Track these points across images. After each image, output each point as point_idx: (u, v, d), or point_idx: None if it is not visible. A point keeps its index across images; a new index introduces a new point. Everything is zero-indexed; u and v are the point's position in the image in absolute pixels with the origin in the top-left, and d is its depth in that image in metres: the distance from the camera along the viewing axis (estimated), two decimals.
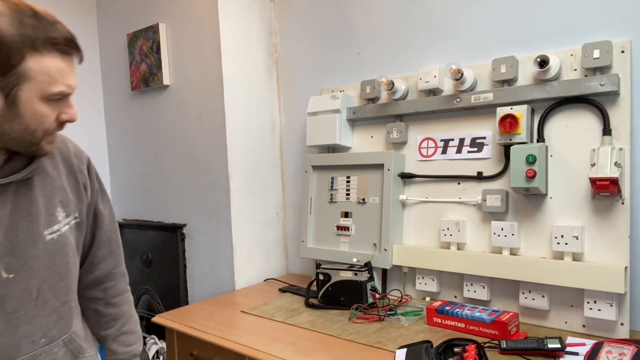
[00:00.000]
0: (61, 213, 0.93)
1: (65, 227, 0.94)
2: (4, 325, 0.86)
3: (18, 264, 0.87)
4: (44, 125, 0.82)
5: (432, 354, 1.24)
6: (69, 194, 0.96)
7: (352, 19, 2.01)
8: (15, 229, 0.86)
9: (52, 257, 0.91)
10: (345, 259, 1.84)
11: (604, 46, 1.36)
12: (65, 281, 0.95)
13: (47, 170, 0.93)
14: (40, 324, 0.91)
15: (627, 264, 1.36)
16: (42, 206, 0.90)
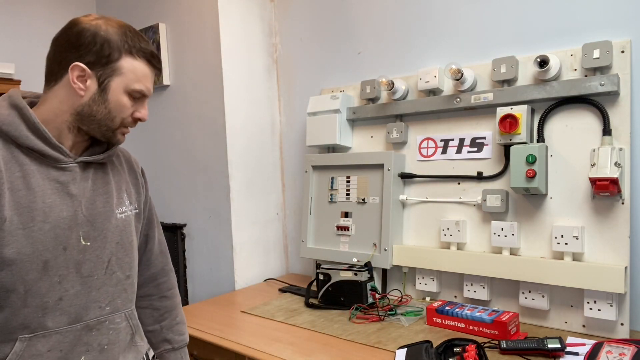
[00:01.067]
0: (127, 199, 1.08)
1: (131, 212, 1.08)
2: (79, 287, 0.96)
3: (95, 234, 0.99)
4: (122, 114, 0.97)
5: (432, 354, 1.24)
6: (131, 187, 1.11)
7: (352, 19, 2.01)
8: (94, 203, 0.99)
9: (120, 233, 1.04)
10: (345, 259, 1.84)
11: (604, 46, 1.36)
12: (129, 257, 1.06)
13: (115, 163, 1.09)
14: (107, 292, 1.01)
15: (627, 264, 1.36)
16: (115, 189, 1.05)
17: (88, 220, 0.98)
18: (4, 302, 0.90)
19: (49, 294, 0.93)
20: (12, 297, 0.90)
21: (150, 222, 1.20)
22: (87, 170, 1.00)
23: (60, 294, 0.94)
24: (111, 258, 1.01)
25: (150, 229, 1.20)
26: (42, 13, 2.56)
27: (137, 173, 1.14)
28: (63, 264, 0.94)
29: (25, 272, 0.90)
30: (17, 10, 2.48)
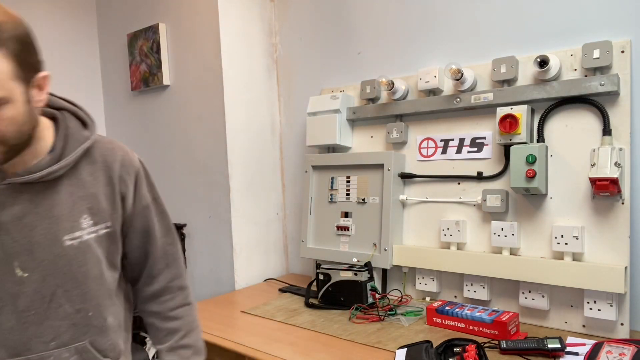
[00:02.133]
0: (87, 220, 0.92)
1: (91, 235, 0.93)
2: (14, 321, 0.87)
3: (34, 264, 0.88)
4: None
5: (432, 354, 1.24)
6: (102, 202, 0.94)
7: (352, 19, 2.01)
8: (33, 230, 0.87)
9: (69, 262, 0.91)
10: (345, 259, 1.84)
11: (604, 46, 1.36)
12: (81, 289, 0.93)
13: (82, 175, 0.93)
14: (51, 326, 0.90)
15: (627, 264, 1.36)
16: (65, 210, 0.90)
17: (26, 249, 0.86)
18: None
19: None
20: None
21: (147, 235, 1.04)
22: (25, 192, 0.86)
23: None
24: (56, 290, 0.90)
25: (148, 243, 1.04)
26: (42, 13, 2.56)
27: (115, 183, 0.96)
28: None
29: None
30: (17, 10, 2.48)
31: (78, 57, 2.70)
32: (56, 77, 2.61)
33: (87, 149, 0.93)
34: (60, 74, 2.62)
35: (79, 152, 0.90)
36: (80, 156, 0.92)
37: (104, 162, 0.96)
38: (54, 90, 0.97)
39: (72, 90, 2.66)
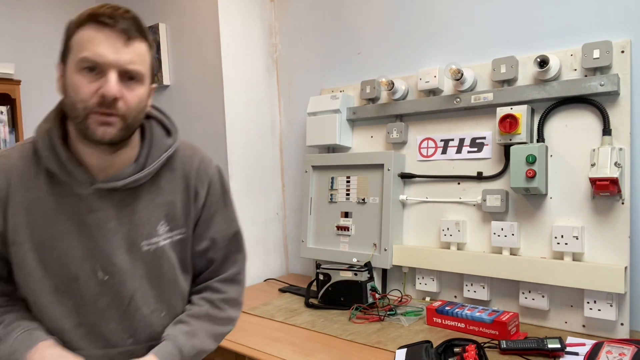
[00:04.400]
0: (163, 227, 0.95)
1: (166, 241, 0.96)
2: (96, 319, 0.92)
3: (114, 269, 0.91)
4: (79, 96, 0.81)
5: (432, 354, 1.24)
6: (178, 209, 0.97)
7: (352, 19, 2.01)
8: (115, 235, 0.90)
9: (145, 267, 0.94)
10: (345, 259, 1.84)
11: (604, 46, 1.36)
12: (156, 290, 0.96)
13: (161, 182, 0.95)
14: (129, 326, 0.94)
15: (627, 264, 1.36)
16: (144, 217, 0.93)
17: (107, 253, 0.90)
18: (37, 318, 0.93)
19: (65, 319, 0.91)
20: (36, 315, 0.92)
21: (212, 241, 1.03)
22: (110, 198, 0.90)
23: (78, 320, 0.92)
24: (134, 294, 0.94)
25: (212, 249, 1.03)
26: (42, 13, 2.56)
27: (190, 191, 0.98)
28: (76, 294, 0.91)
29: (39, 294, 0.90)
30: (17, 10, 2.48)
31: None
32: None
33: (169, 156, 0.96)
34: None
35: (161, 160, 0.93)
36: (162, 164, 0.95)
37: (182, 170, 0.98)
38: (52, 87, 0.96)
39: None
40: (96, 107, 0.81)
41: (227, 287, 1.03)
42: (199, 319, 0.98)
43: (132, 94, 0.83)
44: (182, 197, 0.97)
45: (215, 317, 1.00)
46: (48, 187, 0.89)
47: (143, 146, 0.94)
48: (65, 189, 0.89)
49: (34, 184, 0.89)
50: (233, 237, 1.05)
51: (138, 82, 0.84)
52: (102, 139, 0.83)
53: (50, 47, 2.59)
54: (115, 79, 0.81)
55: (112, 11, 0.82)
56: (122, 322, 0.94)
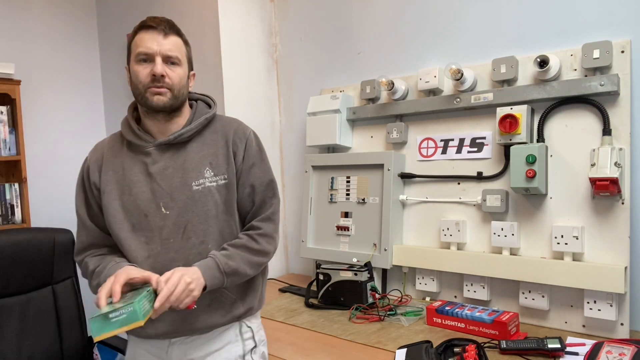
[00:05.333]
0: (209, 171, 1.20)
1: (212, 184, 1.19)
2: (160, 247, 1.17)
3: (172, 204, 1.17)
4: (139, 78, 1.14)
5: (432, 354, 1.24)
6: (220, 159, 1.22)
7: (352, 19, 2.01)
8: (172, 178, 1.18)
9: (195, 203, 1.18)
10: (345, 259, 1.84)
11: (604, 46, 1.36)
12: (204, 225, 1.18)
13: (206, 139, 1.23)
14: (184, 254, 1.17)
15: (627, 264, 1.36)
16: (193, 164, 1.19)
17: (167, 193, 1.17)
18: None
19: (139, 251, 1.17)
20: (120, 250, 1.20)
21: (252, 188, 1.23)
22: (166, 152, 1.19)
23: (148, 253, 1.17)
24: (187, 225, 1.17)
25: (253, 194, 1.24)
26: (42, 13, 2.56)
27: (229, 146, 1.23)
28: (147, 228, 1.17)
29: (119, 231, 1.18)
30: (17, 10, 2.48)
31: (78, 57, 2.70)
32: (56, 77, 2.62)
33: (209, 121, 1.24)
34: (61, 73, 2.62)
35: (201, 121, 1.22)
36: (204, 126, 1.23)
37: (222, 130, 1.25)
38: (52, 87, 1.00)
39: (72, 90, 2.66)
40: (150, 84, 1.14)
41: (263, 224, 1.23)
42: (236, 247, 1.19)
43: (173, 73, 1.16)
44: (223, 150, 1.22)
45: (251, 248, 1.20)
46: (127, 152, 1.22)
47: (190, 116, 1.24)
48: (137, 150, 1.20)
49: (119, 152, 1.23)
50: (268, 184, 1.26)
51: (177, 64, 1.16)
52: (157, 106, 1.15)
53: (51, 47, 2.59)
54: (160, 62, 1.14)
55: (154, 18, 1.17)
56: (178, 251, 1.17)
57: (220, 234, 1.21)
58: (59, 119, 2.61)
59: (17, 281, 1.64)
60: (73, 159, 2.68)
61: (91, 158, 1.26)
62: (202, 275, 1.10)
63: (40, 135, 2.55)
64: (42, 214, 2.48)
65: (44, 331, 1.68)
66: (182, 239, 1.17)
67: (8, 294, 1.63)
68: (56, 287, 1.73)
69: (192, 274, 1.08)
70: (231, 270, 1.15)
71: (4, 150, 2.30)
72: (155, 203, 1.17)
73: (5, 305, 1.62)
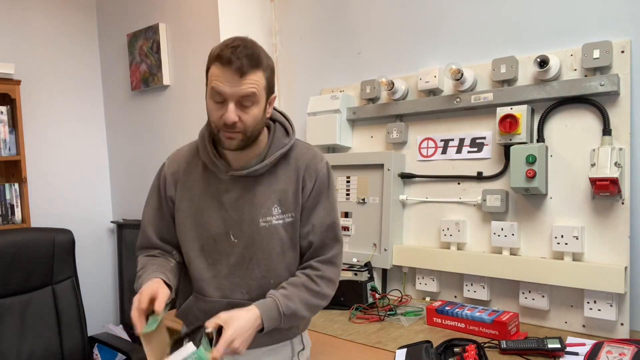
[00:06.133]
0: (277, 209, 1.17)
1: (278, 221, 1.17)
2: (227, 271, 1.17)
3: (241, 235, 1.16)
4: (212, 117, 1.09)
5: (432, 354, 1.24)
6: (290, 196, 1.17)
7: (352, 19, 2.01)
8: (242, 210, 1.16)
9: (262, 239, 1.16)
10: (345, 259, 1.83)
11: (604, 46, 1.36)
12: (267, 260, 1.17)
13: (278, 173, 1.18)
14: (247, 283, 1.17)
15: (627, 264, 1.36)
16: (262, 200, 1.16)
17: (237, 223, 1.16)
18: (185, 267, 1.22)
19: (205, 270, 1.18)
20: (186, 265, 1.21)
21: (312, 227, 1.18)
22: (238, 183, 1.16)
23: (214, 273, 1.18)
24: (252, 257, 1.17)
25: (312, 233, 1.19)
26: (42, 13, 2.56)
27: (299, 182, 1.18)
28: (215, 252, 1.18)
29: (189, 249, 1.19)
30: (17, 10, 2.48)
31: (78, 57, 2.70)
32: (56, 77, 2.62)
33: (284, 153, 1.17)
34: (61, 74, 2.62)
35: (277, 156, 1.16)
36: (278, 159, 1.17)
37: (296, 164, 1.20)
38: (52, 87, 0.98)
39: (72, 90, 2.66)
40: (223, 128, 1.07)
41: (323, 266, 1.18)
42: (295, 286, 1.15)
43: (248, 115, 1.07)
44: (294, 187, 1.18)
45: (310, 289, 1.16)
46: (202, 173, 1.20)
47: (267, 144, 1.18)
48: (212, 175, 1.18)
49: (195, 170, 1.21)
50: (330, 226, 1.20)
51: (253, 104, 1.07)
52: (229, 148, 1.11)
53: (51, 47, 2.59)
54: (232, 107, 1.05)
55: (232, 52, 1.03)
56: (242, 278, 1.17)
57: (285, 269, 1.19)
58: (59, 119, 2.61)
59: (17, 281, 1.64)
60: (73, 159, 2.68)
61: (169, 169, 1.24)
62: (260, 316, 1.07)
63: (40, 135, 2.55)
64: (42, 214, 2.48)
65: (44, 331, 1.68)
66: (247, 269, 1.17)
67: (8, 294, 1.63)
68: (56, 287, 1.73)
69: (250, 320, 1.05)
70: (290, 312, 1.11)
71: (4, 150, 2.30)
72: (225, 231, 1.17)
73: (5, 305, 1.62)
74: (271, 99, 1.15)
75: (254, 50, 1.07)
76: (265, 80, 1.09)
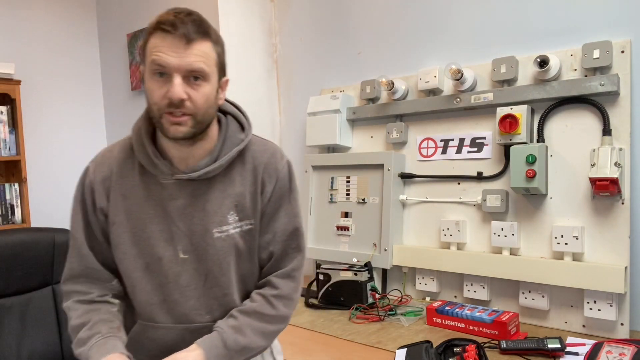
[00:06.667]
0: (233, 216, 1.01)
1: (235, 230, 1.01)
2: (178, 295, 1.01)
3: (192, 248, 1.00)
4: (153, 99, 0.90)
5: (432, 354, 1.24)
6: (247, 201, 1.02)
7: (352, 19, 2.01)
8: (191, 220, 0.99)
9: (217, 252, 1.00)
10: (345, 259, 1.84)
11: (604, 46, 1.36)
12: (226, 277, 1.02)
13: (233, 175, 1.02)
14: (206, 304, 1.02)
15: (627, 264, 1.36)
16: (216, 206, 1.00)
17: (186, 235, 0.99)
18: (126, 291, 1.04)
19: (153, 293, 1.01)
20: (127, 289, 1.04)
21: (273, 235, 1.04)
22: (187, 187, 0.98)
23: (163, 297, 1.01)
24: (208, 274, 1.01)
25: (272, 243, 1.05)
26: (42, 13, 2.56)
27: (258, 184, 1.02)
28: (161, 272, 1.00)
29: (132, 270, 1.01)
30: (17, 10, 2.48)
31: (78, 57, 2.70)
32: (56, 77, 2.62)
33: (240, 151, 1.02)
34: (61, 74, 2.62)
35: (232, 154, 1.00)
36: (233, 158, 1.01)
37: (253, 164, 1.04)
38: (52, 87, 0.98)
39: (72, 90, 2.66)
40: (167, 108, 0.89)
41: (282, 282, 1.04)
42: (248, 314, 1.01)
43: (198, 93, 0.90)
44: (251, 189, 1.02)
45: (265, 315, 1.01)
46: (140, 177, 1.00)
47: (218, 140, 1.01)
48: (153, 178, 0.99)
49: (130, 174, 1.00)
50: (292, 233, 1.06)
51: (203, 80, 0.91)
52: (174, 136, 0.92)
53: (51, 47, 2.59)
54: (179, 81, 0.88)
55: (174, 17, 0.88)
56: (199, 299, 1.01)
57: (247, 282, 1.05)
58: (59, 119, 2.61)
59: (17, 281, 1.64)
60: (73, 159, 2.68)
61: (96, 174, 1.02)
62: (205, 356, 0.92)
63: (40, 135, 2.55)
64: (42, 214, 2.49)
65: (44, 331, 1.67)
66: (204, 287, 1.01)
67: (8, 294, 1.63)
68: (56, 287, 1.72)
69: None
70: (240, 347, 0.97)
71: (4, 150, 2.31)
72: (172, 246, 0.99)
73: (5, 305, 1.62)
74: (223, 82, 1.00)
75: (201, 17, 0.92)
76: (215, 55, 0.95)
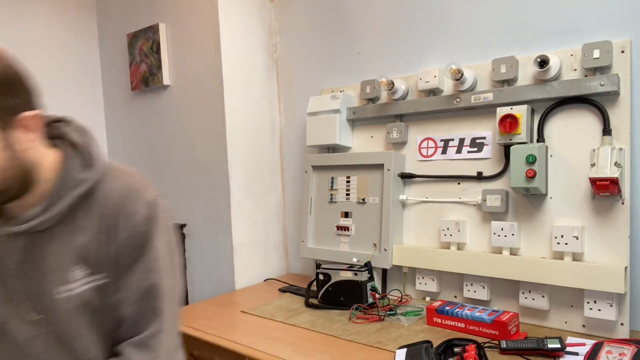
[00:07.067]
0: (82, 270, 0.84)
1: (86, 287, 0.84)
2: None
3: (40, 309, 0.84)
4: None
5: (432, 354, 1.24)
6: (96, 251, 0.84)
7: (352, 19, 2.01)
8: (29, 279, 0.84)
9: (63, 315, 0.84)
10: (345, 259, 1.84)
11: (604, 46, 1.36)
12: (82, 340, 0.86)
13: (78, 220, 0.84)
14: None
15: (627, 264, 1.36)
16: (55, 261, 0.83)
17: (27, 296, 0.84)
18: None
19: None
20: None
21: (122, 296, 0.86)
22: (17, 241, 0.82)
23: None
24: (62, 338, 0.85)
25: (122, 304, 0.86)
26: (42, 13, 2.56)
27: (109, 229, 0.84)
28: (10, 339, 0.86)
29: None
30: (16, 10, 2.48)
31: (78, 57, 2.70)
32: (56, 78, 2.61)
33: (81, 195, 0.83)
34: (60, 74, 2.62)
35: (69, 201, 0.82)
36: (76, 202, 0.83)
37: (102, 206, 0.85)
38: (52, 87, 0.93)
39: (72, 91, 2.66)
40: None
41: (134, 353, 0.84)
42: None
43: None
44: (99, 238, 0.84)
45: None
46: None
47: (56, 182, 0.83)
48: None
49: None
50: (148, 292, 0.85)
51: None
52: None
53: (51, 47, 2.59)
54: None
55: None
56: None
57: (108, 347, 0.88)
58: None
59: None
60: None
61: None
62: None
63: None
64: None
65: None
66: (63, 352, 0.86)
67: None
68: None
69: None
70: None
71: None
72: (16, 307, 0.84)
73: None
74: (24, 121, 0.78)
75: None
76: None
